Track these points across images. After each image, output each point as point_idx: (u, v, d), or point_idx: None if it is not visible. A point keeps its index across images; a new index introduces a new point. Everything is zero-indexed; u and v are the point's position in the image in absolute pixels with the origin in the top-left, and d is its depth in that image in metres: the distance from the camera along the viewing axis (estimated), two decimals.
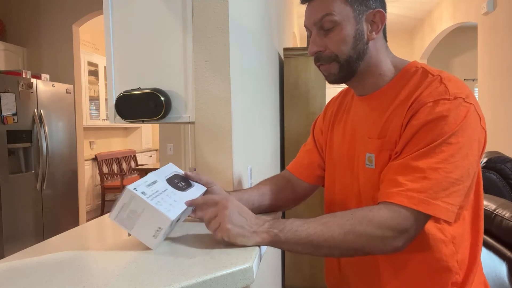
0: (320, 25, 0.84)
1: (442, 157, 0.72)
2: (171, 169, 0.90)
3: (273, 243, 0.73)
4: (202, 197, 0.82)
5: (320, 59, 0.86)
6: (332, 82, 0.89)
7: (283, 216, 2.81)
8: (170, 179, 0.86)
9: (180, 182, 0.86)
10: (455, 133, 0.72)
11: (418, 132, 0.75)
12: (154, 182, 0.81)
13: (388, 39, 0.93)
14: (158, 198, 0.76)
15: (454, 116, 0.73)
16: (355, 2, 0.82)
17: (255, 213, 0.79)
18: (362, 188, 0.87)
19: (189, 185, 0.87)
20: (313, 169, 1.06)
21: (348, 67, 0.84)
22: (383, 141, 0.81)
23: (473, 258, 0.84)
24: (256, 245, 0.73)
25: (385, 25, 0.87)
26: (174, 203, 0.78)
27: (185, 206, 0.80)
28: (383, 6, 0.86)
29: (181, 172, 0.91)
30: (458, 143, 0.72)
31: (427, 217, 0.73)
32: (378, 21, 0.84)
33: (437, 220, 0.78)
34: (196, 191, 0.87)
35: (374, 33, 0.84)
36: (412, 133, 0.76)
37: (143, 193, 0.74)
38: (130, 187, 0.74)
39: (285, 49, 2.78)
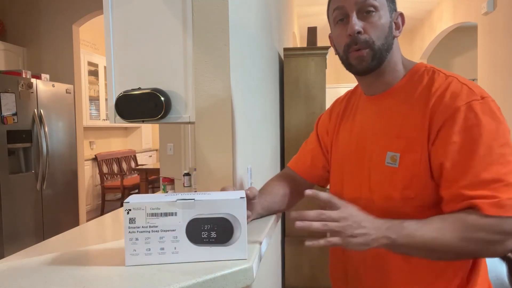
0: (361, 6, 0.83)
1: (505, 160, 0.73)
2: (233, 207, 0.67)
3: (389, 246, 0.74)
4: (330, 196, 0.76)
5: (357, 42, 0.84)
6: (363, 70, 0.87)
7: (283, 216, 2.81)
8: (200, 221, 0.66)
9: (211, 232, 0.67)
10: (502, 133, 0.74)
11: (464, 139, 0.75)
12: (167, 214, 0.66)
13: None
14: (144, 234, 0.65)
15: (491, 116, 0.75)
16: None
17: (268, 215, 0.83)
18: (374, 186, 0.87)
19: (222, 241, 0.67)
20: (317, 168, 1.08)
21: (379, 56, 0.85)
22: (408, 142, 0.82)
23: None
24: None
25: None
26: (158, 254, 0.65)
27: (176, 261, 0.66)
28: None
29: (241, 219, 0.68)
30: (508, 140, 0.75)
31: None
32: (399, 22, 0.89)
33: None
34: (218, 252, 0.67)
35: (398, 31, 0.89)
36: (458, 141, 0.75)
37: (132, 219, 0.65)
38: (129, 201, 0.66)
39: (285, 49, 2.78)
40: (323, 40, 3.45)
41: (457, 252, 0.75)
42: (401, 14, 0.89)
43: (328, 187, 1.09)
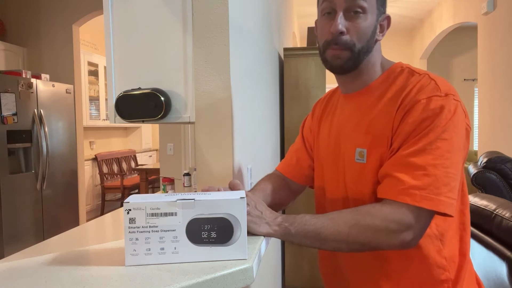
0: (350, 5, 0.82)
1: (439, 153, 0.73)
2: (234, 207, 0.67)
3: (283, 235, 0.77)
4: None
5: (337, 42, 0.83)
6: (337, 68, 0.87)
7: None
8: (200, 221, 0.67)
9: (211, 232, 0.67)
10: (447, 129, 0.74)
11: (415, 129, 0.76)
12: (167, 214, 0.66)
13: (388, 39, 0.96)
14: (144, 234, 0.66)
15: (446, 113, 0.75)
16: (379, 1, 0.85)
17: None
18: (348, 183, 0.88)
19: (221, 241, 0.67)
20: (302, 168, 1.08)
21: (357, 58, 0.85)
22: (374, 137, 0.83)
23: (463, 254, 0.86)
24: (267, 235, 0.78)
25: None
26: (158, 254, 0.66)
27: (176, 261, 0.67)
28: None
29: (241, 219, 0.68)
30: (452, 138, 0.74)
31: (431, 212, 0.75)
32: (385, 25, 0.89)
33: None
34: (218, 252, 0.67)
35: (381, 34, 0.89)
36: (409, 130, 0.77)
37: (132, 219, 0.65)
38: (129, 201, 0.66)
39: (285, 49, 2.78)
40: None
41: (349, 240, 0.74)
42: (388, 18, 0.89)
43: None
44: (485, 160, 2.59)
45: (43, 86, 3.70)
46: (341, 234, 0.74)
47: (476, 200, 1.62)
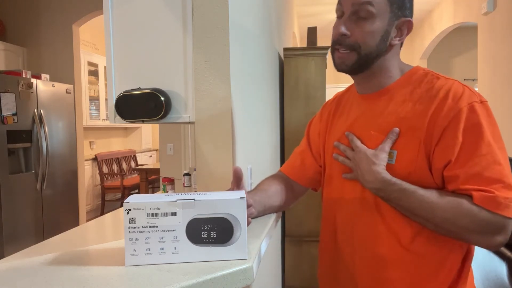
0: (356, 9, 0.83)
1: (504, 162, 0.77)
2: (234, 207, 0.67)
3: (377, 193, 0.83)
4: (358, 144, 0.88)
5: (341, 43, 0.85)
6: (342, 70, 0.88)
7: (283, 216, 2.81)
8: (200, 221, 0.67)
9: (211, 232, 0.67)
10: (497, 135, 0.78)
11: (467, 138, 0.77)
12: (167, 214, 0.67)
13: None
14: (144, 234, 0.66)
15: (490, 119, 0.78)
16: (395, 4, 0.84)
17: (266, 214, 0.95)
18: None
19: (222, 241, 0.67)
20: (306, 170, 1.07)
21: (364, 62, 0.85)
22: (406, 140, 0.82)
23: (468, 259, 0.87)
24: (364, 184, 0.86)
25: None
26: (158, 254, 0.66)
27: (176, 261, 0.67)
28: (412, 16, 0.89)
29: (241, 219, 0.68)
30: (502, 145, 0.79)
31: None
32: (404, 29, 0.87)
33: None
34: (218, 252, 0.67)
35: (397, 39, 0.87)
36: (463, 140, 0.77)
37: (132, 219, 0.66)
38: (129, 201, 0.66)
39: (285, 49, 2.78)
40: (323, 40, 3.44)
41: (438, 228, 0.79)
42: (407, 22, 0.86)
43: (319, 191, 1.09)
44: None
45: (43, 86, 3.70)
46: (435, 222, 0.78)
47: None
